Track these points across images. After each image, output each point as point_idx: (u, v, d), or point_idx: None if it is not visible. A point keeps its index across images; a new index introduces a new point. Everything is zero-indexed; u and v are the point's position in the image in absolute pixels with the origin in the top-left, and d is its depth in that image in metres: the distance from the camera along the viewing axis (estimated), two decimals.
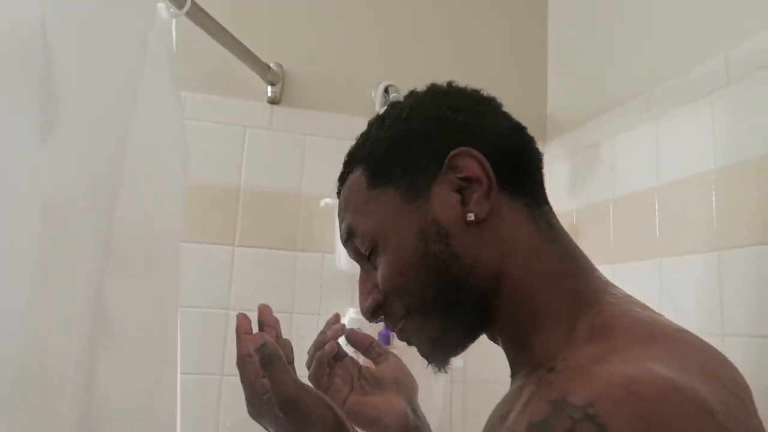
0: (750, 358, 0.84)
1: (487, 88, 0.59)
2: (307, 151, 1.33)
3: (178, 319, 0.70)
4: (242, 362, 0.58)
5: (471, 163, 0.49)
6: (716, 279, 0.91)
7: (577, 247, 0.55)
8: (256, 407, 0.57)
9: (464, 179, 0.49)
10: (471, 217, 0.48)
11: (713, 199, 0.94)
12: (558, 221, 0.55)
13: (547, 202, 0.55)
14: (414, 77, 1.42)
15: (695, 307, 0.95)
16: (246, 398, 0.57)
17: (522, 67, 1.51)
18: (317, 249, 1.29)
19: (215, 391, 1.20)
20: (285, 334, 1.25)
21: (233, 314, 1.23)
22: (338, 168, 1.28)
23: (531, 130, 0.59)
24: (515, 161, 0.52)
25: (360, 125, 1.32)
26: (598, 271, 0.55)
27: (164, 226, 0.70)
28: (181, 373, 1.17)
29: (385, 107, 1.26)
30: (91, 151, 0.57)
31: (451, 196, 0.49)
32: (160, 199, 0.69)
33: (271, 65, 1.30)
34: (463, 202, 0.49)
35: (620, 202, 1.17)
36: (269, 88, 1.32)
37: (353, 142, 0.65)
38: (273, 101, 1.33)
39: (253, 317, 1.23)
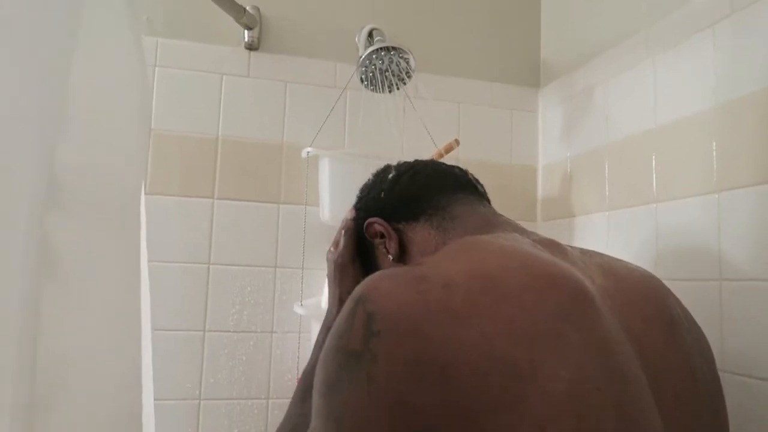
0: (749, 303, 0.80)
1: (478, 34, 0.59)
2: (288, 99, 1.27)
3: (140, 271, 0.65)
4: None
5: (376, 227, 0.74)
6: (715, 222, 0.87)
7: (471, 219, 0.69)
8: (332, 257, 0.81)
9: (380, 236, 0.75)
10: (391, 258, 0.73)
11: (713, 139, 0.89)
12: (454, 211, 0.70)
13: (442, 207, 0.71)
14: (400, 21, 1.36)
15: (693, 252, 0.91)
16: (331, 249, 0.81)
17: (514, 12, 1.44)
18: (300, 201, 1.24)
19: (198, 345, 1.16)
20: (268, 289, 1.22)
21: (214, 269, 1.19)
22: (321, 117, 1.23)
23: (524, 77, 0.70)
24: (406, 204, 0.73)
25: (343, 72, 1.28)
26: (496, 228, 0.66)
27: (121, 172, 0.64)
28: (163, 329, 1.14)
29: (371, 48, 1.20)
30: (26, 82, 0.51)
31: (380, 250, 0.76)
32: (115, 143, 0.64)
33: (247, 8, 1.22)
34: (387, 251, 0.74)
35: (615, 148, 1.12)
36: (246, 32, 1.25)
37: (336, 91, 0.98)
38: (251, 47, 1.25)
39: (234, 271, 1.19)
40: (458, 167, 0.79)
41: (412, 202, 0.72)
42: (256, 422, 1.17)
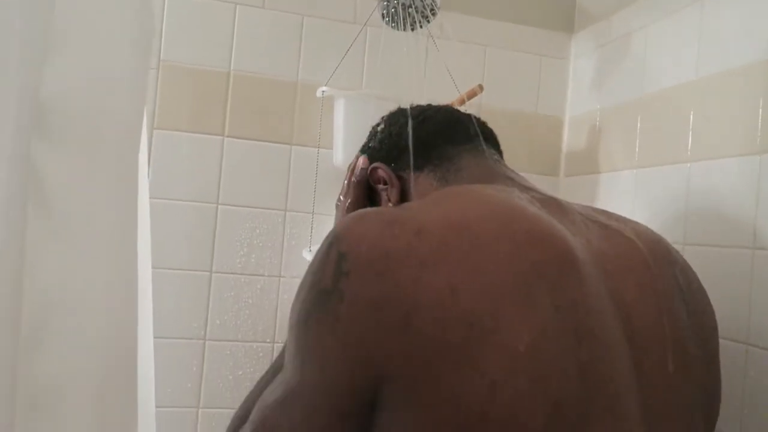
0: None
1: None
2: (305, 34, 1.20)
3: (138, 207, 0.62)
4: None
5: (380, 173, 0.72)
6: (754, 186, 0.81)
7: (475, 171, 0.67)
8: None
9: (383, 182, 0.72)
10: (390, 206, 0.71)
11: (761, 95, 0.81)
12: (460, 163, 0.68)
13: (448, 157, 0.68)
14: None
15: (726, 217, 0.85)
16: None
17: None
18: (313, 143, 1.19)
19: (204, 286, 1.15)
20: (277, 232, 1.19)
21: (223, 209, 1.16)
22: (339, 55, 1.17)
23: (557, 21, 0.65)
24: (415, 150, 0.69)
25: (364, 6, 1.20)
26: (497, 181, 0.65)
27: (118, 102, 0.60)
28: (169, 268, 1.12)
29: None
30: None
31: (383, 197, 0.73)
32: (109, 70, 0.59)
33: None
34: (388, 198, 0.72)
35: (650, 101, 1.05)
36: None
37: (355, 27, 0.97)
38: None
39: (243, 212, 1.16)
40: (472, 116, 0.74)
41: (417, 150, 0.69)
42: (261, 365, 1.16)
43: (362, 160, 0.75)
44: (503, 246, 0.48)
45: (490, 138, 0.74)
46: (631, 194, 1.07)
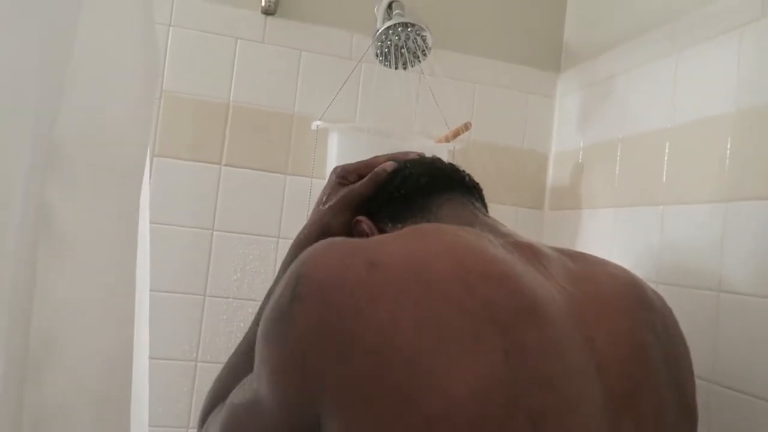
0: (746, 318, 0.79)
1: (500, 13, 0.55)
2: (302, 68, 1.25)
3: (138, 233, 0.66)
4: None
5: (362, 226, 0.70)
6: (719, 232, 0.86)
7: (453, 221, 0.66)
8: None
9: (366, 235, 0.70)
10: None
11: (728, 145, 0.87)
12: (439, 213, 0.67)
13: (428, 209, 0.67)
14: None
15: (694, 259, 0.90)
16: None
17: None
18: (307, 173, 1.24)
19: (198, 309, 1.18)
20: (270, 259, 1.23)
21: (218, 235, 1.20)
22: (334, 89, 1.22)
23: (544, 61, 0.60)
24: (394, 208, 0.69)
25: (360, 43, 1.26)
26: (472, 226, 0.64)
27: (125, 135, 0.64)
28: (164, 291, 1.16)
29: (388, 23, 1.16)
30: (27, 44, 0.51)
31: None
32: (119, 107, 0.63)
33: None
34: None
35: (629, 142, 1.10)
36: None
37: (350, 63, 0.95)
38: (267, 11, 1.23)
39: (237, 239, 1.20)
40: (453, 166, 0.74)
41: (398, 206, 0.69)
42: None
43: (390, 165, 0.72)
44: (454, 286, 0.48)
45: (473, 188, 0.73)
46: (611, 231, 1.12)
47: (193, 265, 1.19)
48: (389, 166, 0.71)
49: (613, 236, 1.11)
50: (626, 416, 0.51)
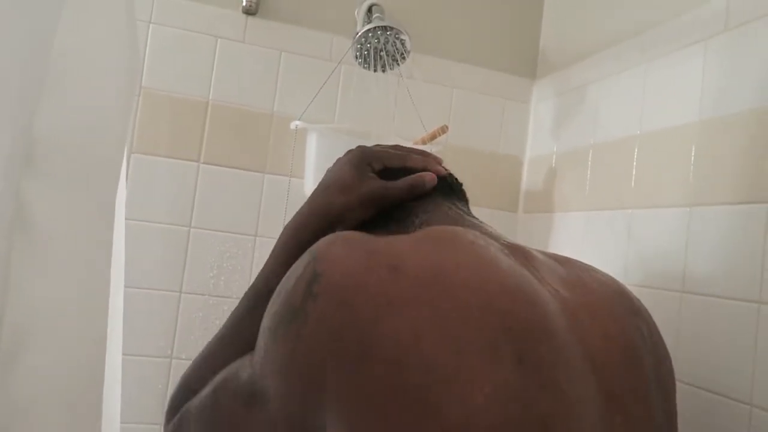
0: (706, 317, 0.83)
1: (479, 19, 0.55)
2: (282, 68, 1.26)
3: (113, 230, 0.66)
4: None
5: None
6: (684, 235, 0.89)
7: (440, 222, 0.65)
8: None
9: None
10: None
11: (692, 153, 0.90)
12: (424, 216, 0.65)
13: (414, 212, 0.66)
14: None
15: (660, 262, 0.93)
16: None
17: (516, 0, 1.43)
18: (285, 172, 1.25)
19: (173, 306, 1.19)
20: (247, 256, 1.23)
21: (195, 232, 1.20)
22: (313, 89, 1.23)
23: (520, 67, 0.60)
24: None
25: (340, 45, 1.28)
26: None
27: (103, 133, 0.65)
28: (140, 287, 1.16)
29: (368, 26, 1.17)
30: (8, 42, 0.51)
31: None
32: (97, 101, 0.64)
33: None
34: None
35: (600, 149, 1.13)
36: None
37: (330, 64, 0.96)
38: (248, 11, 1.24)
39: (215, 236, 1.20)
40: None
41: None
42: None
43: (440, 170, 0.69)
44: (475, 297, 0.48)
45: (453, 186, 0.72)
46: (581, 234, 1.15)
47: (170, 262, 1.19)
48: (432, 181, 0.67)
49: (584, 239, 1.14)
50: (619, 418, 0.52)
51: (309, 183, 1.22)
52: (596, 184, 1.13)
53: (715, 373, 0.81)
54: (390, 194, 0.66)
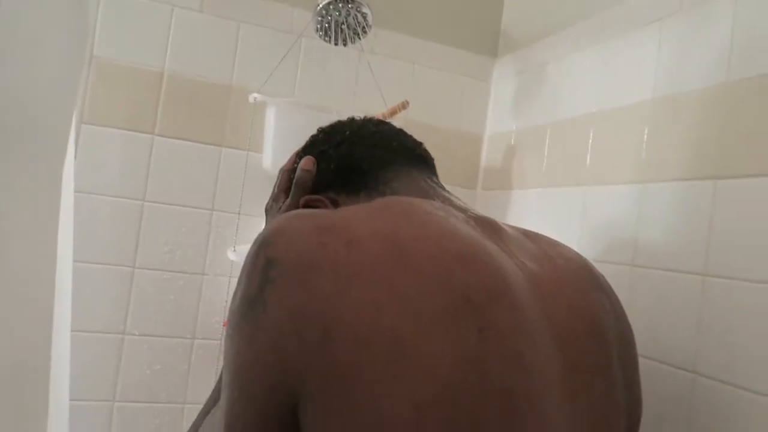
0: (655, 289, 0.85)
1: None
2: (240, 40, 1.23)
3: (60, 202, 0.64)
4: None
5: (318, 204, 0.66)
6: (635, 211, 0.91)
7: (410, 193, 0.64)
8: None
9: (320, 202, 0.67)
10: None
11: (645, 131, 0.92)
12: (394, 185, 0.65)
13: (384, 181, 0.65)
14: None
15: (612, 237, 0.95)
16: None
17: None
18: (244, 146, 1.23)
19: (126, 281, 1.16)
20: (203, 231, 1.21)
21: (149, 206, 1.18)
22: (273, 62, 1.21)
23: (482, 45, 0.61)
24: (349, 174, 0.66)
25: (300, 18, 1.25)
26: (433, 199, 0.63)
27: (48, 99, 0.62)
28: (91, 262, 1.12)
29: None
30: None
31: None
32: (42, 68, 0.61)
33: None
34: None
35: (558, 127, 1.15)
36: None
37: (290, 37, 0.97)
38: None
39: (170, 210, 1.17)
40: (409, 136, 0.72)
41: (353, 174, 0.66)
42: (179, 360, 1.18)
43: (306, 162, 0.68)
44: (433, 267, 0.47)
45: (426, 158, 0.71)
46: (538, 211, 1.17)
47: (123, 236, 1.16)
48: (306, 164, 0.68)
49: (541, 216, 1.16)
50: (581, 390, 0.53)
51: (267, 157, 1.20)
52: (554, 162, 1.15)
53: (661, 343, 0.83)
54: (277, 201, 0.70)
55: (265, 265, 0.46)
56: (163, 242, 1.18)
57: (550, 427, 0.49)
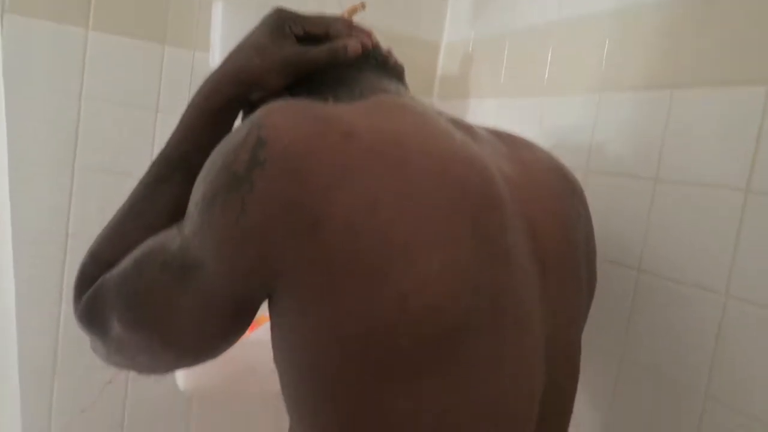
0: (609, 193, 0.88)
1: None
2: None
3: None
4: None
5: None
6: (592, 120, 0.92)
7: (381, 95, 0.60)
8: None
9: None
10: None
11: (606, 41, 0.91)
12: (362, 86, 0.61)
13: (348, 83, 0.61)
14: None
15: (567, 144, 0.97)
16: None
17: None
18: (188, 45, 1.15)
19: (66, 183, 1.10)
20: (147, 134, 1.15)
21: (86, 107, 1.10)
22: None
23: None
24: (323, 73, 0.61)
25: None
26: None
27: None
28: (27, 163, 1.05)
29: None
30: None
31: None
32: None
33: None
34: None
35: (517, 36, 1.13)
36: None
37: None
38: None
39: (109, 110, 1.10)
40: (377, 45, 0.67)
41: (315, 75, 0.62)
42: None
43: (365, 41, 0.62)
44: (430, 163, 0.47)
45: (401, 71, 0.69)
46: (495, 121, 1.17)
47: (61, 134, 1.08)
48: (355, 49, 0.60)
49: (497, 126, 1.15)
50: (554, 287, 0.55)
51: (215, 57, 1.13)
52: (511, 72, 1.14)
53: (611, 243, 0.87)
54: (309, 59, 0.60)
55: (256, 145, 0.44)
56: (102, 143, 1.11)
57: (530, 324, 0.51)
